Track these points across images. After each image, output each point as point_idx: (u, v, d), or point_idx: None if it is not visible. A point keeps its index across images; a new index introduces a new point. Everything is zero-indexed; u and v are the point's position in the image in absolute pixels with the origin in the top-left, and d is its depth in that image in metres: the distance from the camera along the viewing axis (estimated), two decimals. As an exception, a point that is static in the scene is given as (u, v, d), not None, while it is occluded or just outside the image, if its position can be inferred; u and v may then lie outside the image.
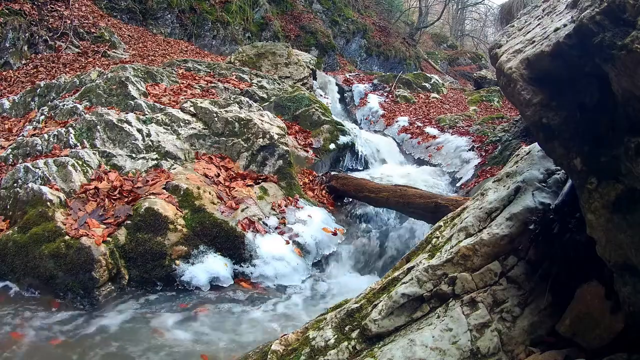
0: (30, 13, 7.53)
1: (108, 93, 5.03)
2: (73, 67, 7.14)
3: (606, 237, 1.32)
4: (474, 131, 7.25)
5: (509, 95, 1.57)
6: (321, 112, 6.18)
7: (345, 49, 15.05)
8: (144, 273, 3.47)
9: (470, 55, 21.86)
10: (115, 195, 3.81)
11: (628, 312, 1.33)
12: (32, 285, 3.32)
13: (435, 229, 2.16)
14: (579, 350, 1.46)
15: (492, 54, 1.81)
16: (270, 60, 8.33)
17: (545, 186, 1.89)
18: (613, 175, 1.27)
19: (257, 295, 3.51)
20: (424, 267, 1.82)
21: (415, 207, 3.99)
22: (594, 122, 1.33)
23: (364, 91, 10.30)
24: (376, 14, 17.46)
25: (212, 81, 6.26)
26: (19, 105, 5.64)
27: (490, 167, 5.61)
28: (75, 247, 3.30)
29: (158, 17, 10.31)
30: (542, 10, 1.78)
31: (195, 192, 3.92)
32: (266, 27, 12.07)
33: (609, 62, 1.12)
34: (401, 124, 8.38)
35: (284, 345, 1.95)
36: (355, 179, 4.95)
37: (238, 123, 4.80)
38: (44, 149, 4.31)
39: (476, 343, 1.57)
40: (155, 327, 3.04)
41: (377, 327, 1.75)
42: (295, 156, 5.14)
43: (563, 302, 1.56)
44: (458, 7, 26.28)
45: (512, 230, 1.76)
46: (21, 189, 3.71)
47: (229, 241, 3.74)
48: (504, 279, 1.70)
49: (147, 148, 4.38)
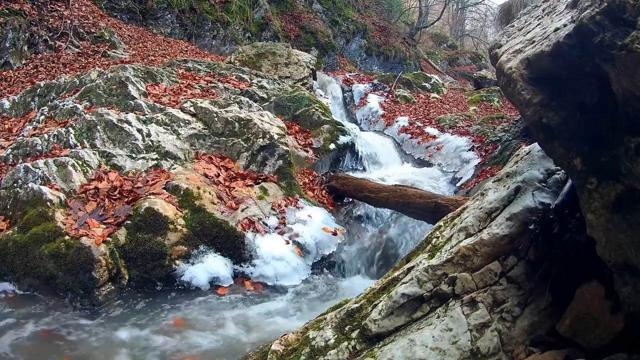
0: (30, 13, 7.52)
1: (108, 93, 5.03)
2: (73, 67, 7.14)
3: (606, 237, 1.32)
4: (474, 131, 7.25)
5: (509, 95, 1.57)
6: (321, 112, 6.18)
7: (345, 49, 15.03)
8: (144, 273, 3.48)
9: (470, 55, 21.86)
10: (115, 195, 3.81)
11: (628, 312, 1.33)
12: (32, 285, 3.32)
13: (435, 229, 2.16)
14: (579, 350, 1.46)
15: (492, 54, 1.81)
16: (270, 60, 8.33)
17: (545, 186, 1.89)
18: (613, 175, 1.27)
19: (257, 295, 3.51)
20: (424, 267, 1.82)
21: (415, 207, 3.99)
22: (594, 122, 1.33)
23: (364, 91, 10.30)
24: (376, 14, 17.45)
25: (212, 81, 6.26)
26: (19, 105, 5.64)
27: (490, 167, 5.61)
28: (75, 247, 3.30)
29: (158, 17, 10.30)
30: (542, 10, 1.78)
31: (195, 192, 3.92)
32: (266, 27, 12.06)
33: (609, 62, 1.12)
34: (401, 124, 8.38)
35: (284, 345, 1.95)
36: (355, 179, 4.95)
37: (238, 123, 4.80)
38: (44, 149, 4.31)
39: (476, 343, 1.57)
40: (155, 327, 3.05)
41: (377, 327, 1.75)
42: (295, 156, 5.14)
43: (563, 302, 1.56)
44: (458, 7, 26.28)
45: (512, 230, 1.76)
46: (21, 189, 3.71)
47: (229, 241, 3.75)
48: (504, 279, 1.70)
49: (147, 148, 4.38)
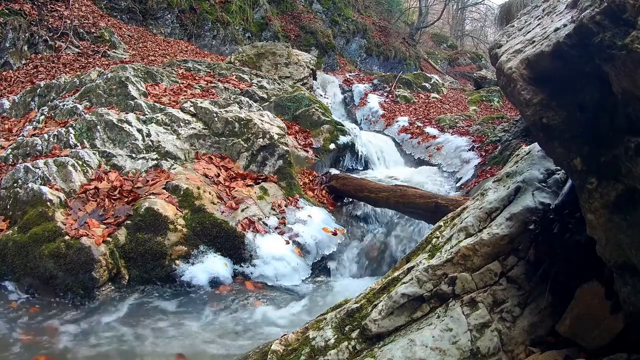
0: (30, 13, 7.52)
1: (108, 93, 5.03)
2: (73, 67, 7.14)
3: (606, 237, 1.32)
4: (474, 131, 7.25)
5: (509, 95, 1.57)
6: (321, 112, 6.18)
7: (345, 49, 15.03)
8: (144, 273, 3.48)
9: (470, 55, 21.84)
10: (115, 195, 3.81)
11: (628, 312, 1.33)
12: (32, 285, 3.32)
13: (435, 229, 2.16)
14: (579, 350, 1.46)
15: (492, 54, 1.81)
16: (270, 60, 8.33)
17: (545, 186, 1.89)
18: (613, 175, 1.27)
19: (257, 295, 3.51)
20: (424, 267, 1.82)
21: (415, 207, 3.99)
22: (594, 122, 1.33)
23: (364, 91, 10.30)
24: (376, 14, 17.45)
25: (212, 81, 6.26)
26: (19, 105, 5.64)
27: (490, 167, 5.61)
28: (75, 247, 3.30)
29: (158, 17, 10.30)
30: (542, 10, 1.78)
31: (195, 192, 3.92)
32: (266, 27, 12.06)
33: (609, 62, 1.12)
34: (401, 124, 8.38)
35: (284, 345, 1.95)
36: (355, 179, 4.95)
37: (238, 123, 4.80)
38: (44, 149, 4.31)
39: (476, 343, 1.57)
40: (155, 327, 3.05)
41: (377, 327, 1.75)
42: (295, 156, 5.14)
43: (563, 302, 1.56)
44: (458, 7, 26.25)
45: (512, 230, 1.76)
46: (21, 189, 3.71)
47: (229, 241, 3.75)
48: (504, 279, 1.71)
49: (147, 148, 4.38)
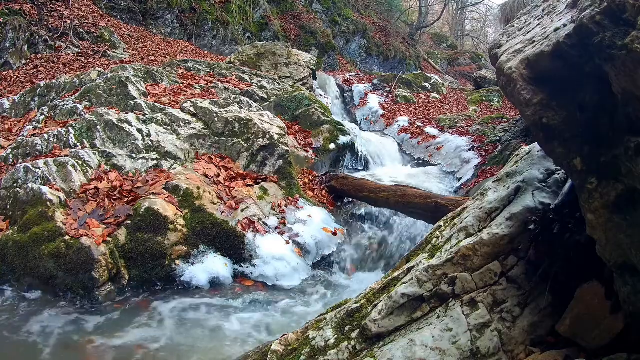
0: (30, 13, 7.52)
1: (108, 93, 5.03)
2: (73, 67, 7.13)
3: (606, 237, 1.32)
4: (474, 131, 7.25)
5: (509, 95, 1.57)
6: (321, 112, 6.18)
7: (345, 49, 15.02)
8: (144, 273, 3.48)
9: (470, 55, 21.82)
10: (115, 195, 3.81)
11: (628, 312, 1.33)
12: (32, 285, 3.32)
13: (435, 229, 2.16)
14: (579, 350, 1.46)
15: (492, 54, 1.81)
16: (270, 60, 8.33)
17: (545, 186, 1.89)
18: (613, 175, 1.27)
19: (257, 295, 3.51)
20: (424, 267, 1.82)
21: (415, 207, 3.99)
22: (594, 122, 1.32)
23: (364, 91, 10.29)
24: (376, 14, 17.44)
25: (212, 81, 6.26)
26: (19, 105, 5.64)
27: (490, 167, 5.61)
28: (75, 247, 3.30)
29: (158, 17, 10.30)
30: (542, 10, 1.78)
31: (195, 192, 3.92)
32: (266, 27, 12.06)
33: (609, 62, 1.12)
34: (401, 124, 8.37)
35: (284, 345, 1.95)
36: (355, 179, 4.95)
37: (238, 123, 4.80)
38: (44, 149, 4.31)
39: (476, 343, 1.57)
40: (155, 327, 3.05)
41: (377, 327, 1.75)
42: (295, 156, 5.14)
43: (563, 302, 1.56)
44: (458, 7, 26.24)
45: (512, 230, 1.76)
46: (21, 189, 3.71)
47: (229, 241, 3.75)
48: (504, 279, 1.71)
49: (147, 148, 4.38)
